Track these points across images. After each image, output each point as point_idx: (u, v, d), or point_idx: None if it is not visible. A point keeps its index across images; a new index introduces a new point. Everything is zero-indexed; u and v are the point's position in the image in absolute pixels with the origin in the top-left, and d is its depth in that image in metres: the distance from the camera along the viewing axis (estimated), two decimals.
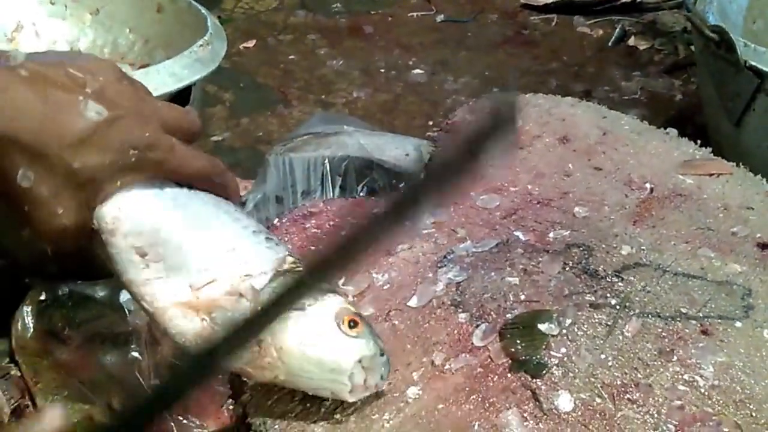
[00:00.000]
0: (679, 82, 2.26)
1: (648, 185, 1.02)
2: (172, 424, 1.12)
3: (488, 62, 2.33)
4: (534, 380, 0.76)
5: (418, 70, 2.28)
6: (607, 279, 0.87)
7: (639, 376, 0.77)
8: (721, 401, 0.75)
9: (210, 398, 1.15)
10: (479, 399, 0.75)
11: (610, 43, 2.49)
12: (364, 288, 0.88)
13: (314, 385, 0.71)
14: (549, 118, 1.15)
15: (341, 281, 0.83)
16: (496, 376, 0.77)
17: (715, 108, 1.62)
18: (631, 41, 2.49)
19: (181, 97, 1.33)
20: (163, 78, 1.24)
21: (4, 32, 1.63)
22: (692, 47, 2.32)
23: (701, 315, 0.83)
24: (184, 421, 1.12)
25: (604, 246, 0.92)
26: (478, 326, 0.82)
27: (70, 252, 0.74)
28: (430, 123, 2.01)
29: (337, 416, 0.74)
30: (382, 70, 2.29)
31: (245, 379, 0.78)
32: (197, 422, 1.12)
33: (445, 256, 0.91)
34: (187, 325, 0.70)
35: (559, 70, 2.33)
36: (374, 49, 2.40)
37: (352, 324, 0.71)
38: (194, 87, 1.34)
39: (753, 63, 1.42)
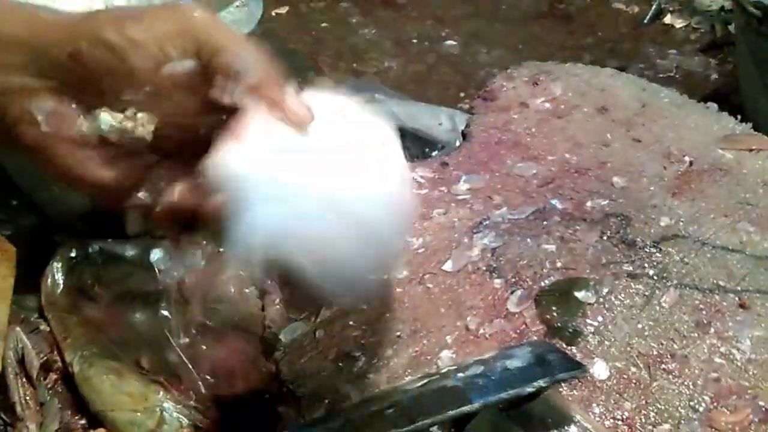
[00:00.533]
0: (715, 61, 2.23)
1: (687, 158, 1.01)
2: (200, 382, 1.13)
3: (522, 35, 2.31)
4: (569, 347, 0.76)
5: (451, 42, 2.26)
6: (646, 249, 0.86)
7: (675, 347, 0.76)
8: (757, 375, 0.74)
9: (238, 357, 1.15)
10: None
11: (645, 20, 2.45)
12: None
13: None
14: (588, 88, 1.14)
15: None
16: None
17: (755, 86, 1.60)
18: (667, 19, 2.45)
19: None
20: None
21: None
22: (729, 27, 2.28)
23: (739, 288, 0.82)
24: (212, 380, 1.12)
25: (642, 216, 0.91)
26: (513, 292, 0.81)
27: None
28: (462, 95, 1.99)
29: (370, 376, 0.74)
30: (415, 41, 2.27)
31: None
32: (226, 382, 1.12)
33: (480, 222, 0.91)
34: None
35: (594, 45, 2.30)
36: (407, 20, 2.38)
37: None
38: None
39: None
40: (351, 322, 0.80)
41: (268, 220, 0.55)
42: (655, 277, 0.83)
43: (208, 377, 1.12)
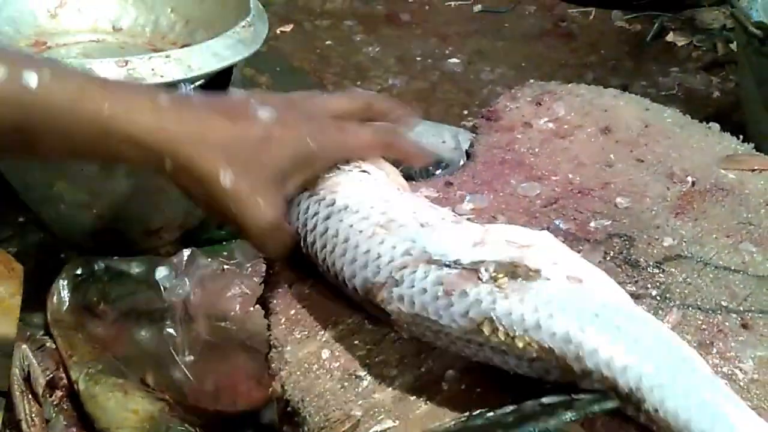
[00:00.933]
0: (717, 79, 2.25)
1: (690, 178, 1.01)
2: (207, 402, 1.14)
3: (525, 53, 2.33)
4: None
5: (454, 60, 2.29)
6: (648, 270, 0.87)
7: None
8: (760, 395, 0.74)
9: (242, 375, 1.16)
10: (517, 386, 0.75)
11: (648, 39, 2.48)
12: None
13: None
14: (591, 108, 1.14)
15: None
16: None
17: (756, 105, 1.61)
18: (670, 37, 2.48)
19: (222, 78, 1.34)
20: (205, 57, 1.25)
21: (47, 8, 1.64)
22: (731, 45, 2.30)
23: (741, 309, 0.83)
24: (219, 399, 1.13)
25: (645, 237, 0.91)
26: None
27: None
28: (465, 112, 2.01)
29: (376, 396, 0.74)
30: (419, 59, 2.29)
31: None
32: (230, 400, 1.13)
33: None
34: None
35: (597, 63, 2.32)
36: (411, 37, 2.40)
37: None
38: (235, 68, 1.35)
39: None
40: (356, 342, 0.80)
41: None
42: (658, 298, 0.83)
43: (213, 395, 1.13)
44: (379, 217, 0.76)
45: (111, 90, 0.71)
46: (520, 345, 0.67)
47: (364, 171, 0.82)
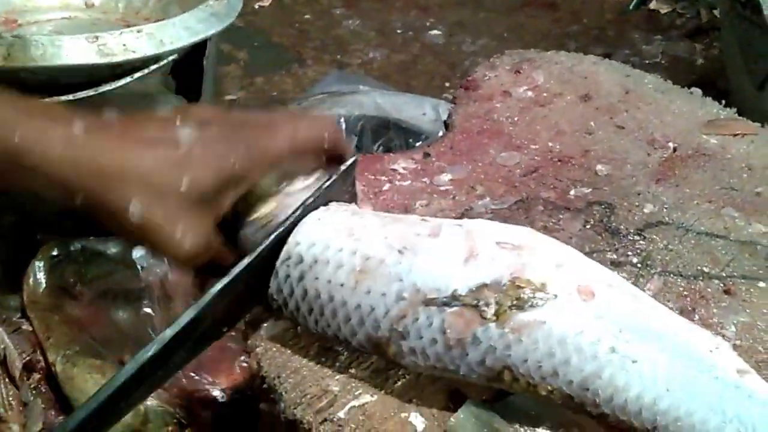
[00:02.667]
0: (700, 46, 2.23)
1: (671, 144, 1.00)
2: (185, 380, 1.12)
3: (507, 24, 2.31)
4: None
5: (435, 31, 2.26)
6: (629, 237, 0.86)
7: None
8: (743, 361, 0.73)
9: (223, 354, 1.15)
10: None
11: (631, 6, 2.46)
12: None
13: None
14: (571, 75, 1.13)
15: None
16: None
17: (739, 71, 1.60)
18: (653, 5, 2.46)
19: (196, 52, 1.31)
20: (177, 31, 1.23)
21: None
22: (714, 11, 2.29)
23: (724, 274, 0.82)
24: (196, 377, 1.11)
25: (626, 204, 0.90)
26: None
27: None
28: (447, 84, 1.99)
29: (352, 370, 0.73)
30: (399, 31, 2.27)
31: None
32: (209, 378, 1.12)
33: (463, 213, 0.90)
34: None
35: (579, 32, 2.30)
36: (391, 10, 2.38)
37: None
38: (210, 42, 1.32)
39: None
40: None
41: None
42: (639, 265, 0.82)
43: (193, 374, 1.12)
44: (353, 261, 0.70)
45: (24, 117, 0.67)
46: (543, 393, 0.65)
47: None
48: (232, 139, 0.72)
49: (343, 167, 0.77)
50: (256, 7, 2.36)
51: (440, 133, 1.13)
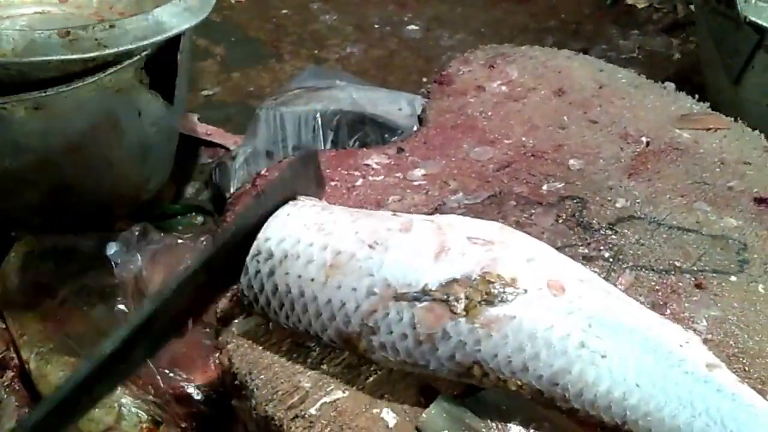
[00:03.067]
0: (677, 41, 2.23)
1: (644, 139, 1.00)
2: (159, 377, 1.11)
3: (484, 19, 2.31)
4: None
5: (412, 26, 2.26)
6: (601, 232, 0.86)
7: None
8: (714, 354, 0.73)
9: (197, 351, 1.14)
10: None
11: (608, 2, 2.46)
12: None
13: None
14: (545, 70, 1.13)
15: None
16: None
17: (715, 66, 1.60)
18: (630, 0, 2.46)
19: (170, 47, 1.30)
20: (150, 26, 1.21)
21: None
22: (691, 6, 2.29)
23: (695, 269, 0.82)
24: (171, 374, 1.11)
25: (598, 198, 0.90)
26: None
27: None
28: (425, 79, 1.98)
29: (324, 366, 0.73)
30: (377, 26, 2.26)
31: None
32: (184, 375, 1.11)
33: (436, 208, 0.90)
34: None
35: (557, 27, 2.30)
36: (368, 5, 2.37)
37: None
38: (184, 37, 1.31)
39: (753, 19, 1.39)
40: None
41: None
42: (611, 260, 0.82)
43: (167, 371, 1.11)
44: (323, 256, 0.70)
45: None
46: (513, 388, 0.65)
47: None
48: None
49: (299, 158, 0.77)
50: (233, 1, 2.35)
51: (415, 128, 1.13)
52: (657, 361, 0.64)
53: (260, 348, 0.76)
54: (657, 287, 0.80)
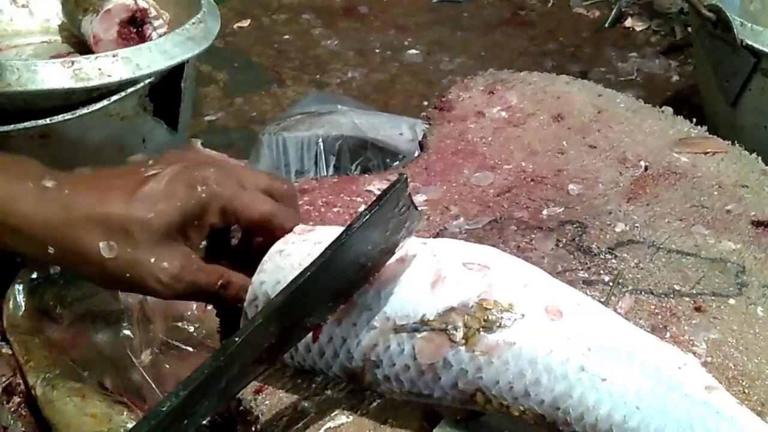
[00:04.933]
0: (675, 63, 2.25)
1: (642, 163, 1.02)
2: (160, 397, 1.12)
3: (484, 43, 2.33)
4: None
5: (413, 51, 2.28)
6: (601, 256, 0.87)
7: None
8: (713, 377, 0.74)
9: None
10: None
11: (606, 24, 2.48)
12: None
13: None
14: (544, 96, 1.14)
15: None
16: None
17: (712, 88, 1.61)
18: (628, 22, 2.48)
19: (173, 75, 1.32)
20: (154, 56, 1.23)
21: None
22: (689, 28, 2.31)
23: (694, 292, 0.83)
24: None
25: (597, 223, 0.91)
26: None
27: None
28: (425, 103, 2.00)
29: (328, 392, 0.74)
30: (377, 51, 2.28)
31: None
32: None
33: (437, 234, 0.91)
34: None
35: (556, 51, 2.32)
36: (369, 30, 2.39)
37: None
38: (187, 65, 1.33)
39: (750, 42, 1.41)
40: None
41: None
42: (611, 284, 0.83)
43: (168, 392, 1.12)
44: None
45: None
46: (516, 413, 0.66)
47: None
48: (198, 171, 0.74)
49: (390, 188, 0.70)
50: (236, 27, 2.37)
51: (416, 153, 1.14)
52: (656, 383, 0.64)
53: (266, 373, 0.76)
54: (656, 311, 0.81)
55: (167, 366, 1.17)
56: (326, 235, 0.75)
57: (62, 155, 1.21)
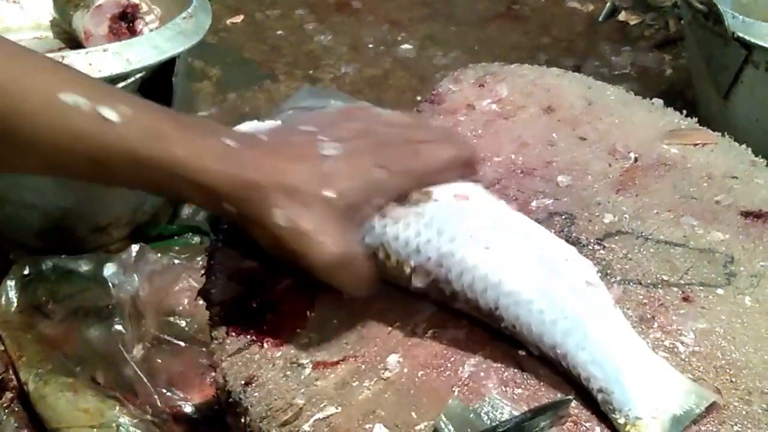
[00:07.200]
0: (669, 56, 2.26)
1: (632, 154, 1.02)
2: (156, 396, 1.12)
3: (478, 37, 2.33)
4: (517, 350, 0.75)
5: (406, 45, 2.28)
6: (589, 247, 0.87)
7: None
8: (701, 367, 0.74)
9: (194, 371, 1.15)
10: (460, 367, 0.74)
11: (600, 18, 2.48)
12: None
13: None
14: (534, 88, 1.14)
15: None
16: (478, 346, 0.76)
17: (704, 81, 1.62)
18: (622, 16, 2.48)
19: (165, 70, 1.32)
20: (144, 50, 1.23)
21: None
22: (682, 22, 2.31)
23: (683, 282, 0.83)
24: (168, 394, 1.12)
25: (586, 214, 0.92)
26: None
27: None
28: (419, 98, 1.99)
29: (317, 383, 0.74)
30: (371, 46, 2.28)
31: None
32: (181, 394, 1.12)
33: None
34: None
35: (549, 45, 2.32)
36: (362, 24, 2.39)
37: None
38: (178, 60, 1.33)
39: (741, 35, 1.41)
40: (298, 330, 0.80)
41: None
42: (600, 274, 0.83)
43: (164, 390, 1.12)
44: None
45: (183, 132, 0.71)
46: (407, 270, 0.74)
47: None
48: (378, 150, 0.77)
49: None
50: (228, 23, 2.37)
51: None
52: (540, 263, 0.73)
53: (254, 366, 0.77)
54: (645, 301, 0.81)
55: (159, 361, 1.17)
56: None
57: None
